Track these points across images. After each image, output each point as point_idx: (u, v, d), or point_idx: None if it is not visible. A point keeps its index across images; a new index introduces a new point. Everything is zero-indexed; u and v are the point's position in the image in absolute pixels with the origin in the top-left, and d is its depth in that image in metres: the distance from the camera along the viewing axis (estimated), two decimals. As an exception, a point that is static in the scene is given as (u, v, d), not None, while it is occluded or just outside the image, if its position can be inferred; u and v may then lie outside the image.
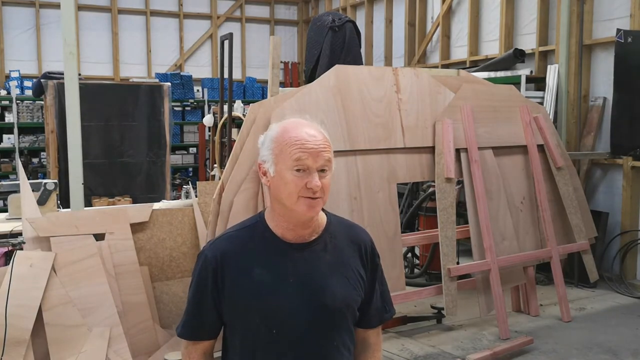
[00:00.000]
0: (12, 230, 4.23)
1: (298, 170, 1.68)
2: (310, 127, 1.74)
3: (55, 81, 7.54)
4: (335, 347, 1.79)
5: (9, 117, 10.09)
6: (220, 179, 4.33)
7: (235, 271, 1.75)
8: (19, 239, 4.10)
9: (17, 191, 4.64)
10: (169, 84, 8.68)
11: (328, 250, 1.81)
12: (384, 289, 1.96)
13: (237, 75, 12.06)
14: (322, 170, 1.70)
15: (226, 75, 6.75)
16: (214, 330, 1.83)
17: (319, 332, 1.76)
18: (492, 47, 8.24)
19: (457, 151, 5.01)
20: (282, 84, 12.43)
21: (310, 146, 1.69)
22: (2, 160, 10.18)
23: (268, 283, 1.74)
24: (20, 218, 4.17)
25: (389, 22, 10.31)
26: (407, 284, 5.22)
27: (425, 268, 6.44)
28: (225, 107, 7.05)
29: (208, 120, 8.91)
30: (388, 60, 10.36)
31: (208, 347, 1.84)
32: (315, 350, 1.76)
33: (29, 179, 4.44)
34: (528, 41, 7.62)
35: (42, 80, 7.96)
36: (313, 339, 1.76)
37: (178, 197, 8.22)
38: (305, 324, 1.74)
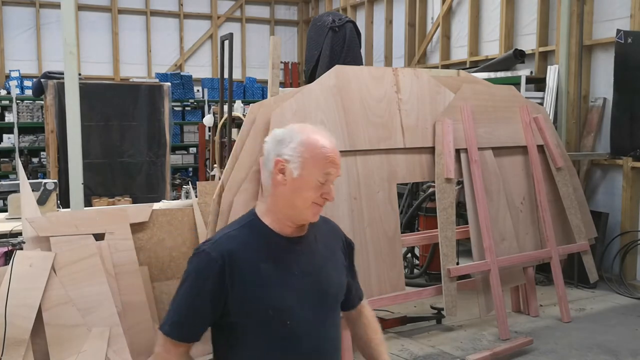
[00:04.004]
0: (11, 230, 4.22)
1: (322, 182, 1.80)
2: (332, 141, 1.86)
3: (55, 81, 7.54)
4: (335, 329, 1.95)
5: (9, 117, 10.09)
6: (220, 179, 4.33)
7: (244, 268, 1.78)
8: (19, 238, 4.10)
9: (17, 191, 4.64)
10: (169, 84, 8.68)
11: (318, 242, 1.94)
12: (356, 271, 2.17)
13: (237, 75, 12.06)
14: (332, 184, 1.86)
15: (226, 75, 6.75)
16: (202, 333, 1.86)
17: (323, 317, 1.90)
18: (492, 48, 8.24)
19: (457, 151, 5.01)
20: (282, 84, 12.43)
21: (337, 162, 1.83)
22: (2, 160, 10.18)
23: (276, 276, 1.81)
24: (20, 218, 4.17)
25: (389, 22, 10.32)
26: (407, 284, 5.22)
27: (425, 268, 6.44)
28: (225, 107, 7.05)
29: (208, 120, 8.92)
30: (388, 61, 10.36)
31: (189, 348, 1.88)
32: (323, 334, 1.89)
33: (28, 179, 4.44)
34: (528, 42, 7.62)
35: (42, 80, 7.95)
36: (320, 324, 1.89)
37: (178, 197, 8.21)
38: (312, 312, 1.86)
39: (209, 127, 9.28)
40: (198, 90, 11.93)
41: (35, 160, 10.31)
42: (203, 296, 1.78)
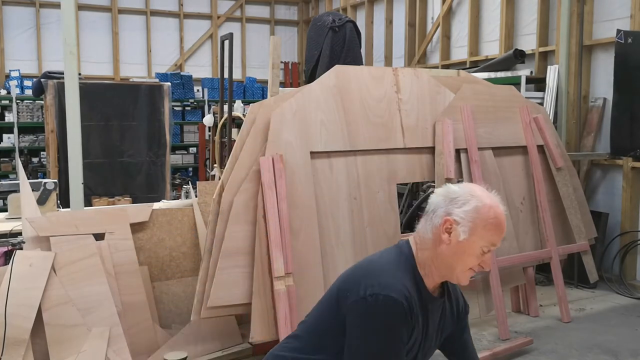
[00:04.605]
0: (11, 230, 4.23)
1: (486, 251, 1.78)
2: (504, 212, 1.82)
3: (55, 81, 7.54)
4: None
5: (9, 117, 10.09)
6: (220, 179, 4.33)
7: (415, 319, 1.76)
8: (19, 238, 4.10)
9: (16, 191, 4.64)
10: (169, 83, 8.67)
11: (446, 305, 1.95)
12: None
13: (237, 75, 12.06)
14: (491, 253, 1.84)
15: (226, 75, 6.75)
16: None
17: None
18: (492, 48, 8.24)
19: (457, 151, 5.01)
20: (282, 84, 12.43)
21: (504, 233, 1.81)
22: (2, 159, 10.18)
23: (420, 334, 1.82)
24: (20, 218, 4.17)
25: (389, 22, 10.31)
26: (407, 284, 5.21)
27: (425, 268, 6.43)
28: (225, 107, 7.05)
29: (208, 120, 8.91)
30: (388, 61, 10.36)
31: None
32: None
33: (28, 179, 4.44)
34: (528, 42, 7.62)
35: (42, 79, 7.95)
36: None
37: (178, 197, 8.21)
38: None
39: (209, 127, 9.27)
40: (198, 90, 11.93)
41: (35, 160, 10.31)
42: (404, 342, 1.75)
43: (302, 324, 1.97)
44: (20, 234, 4.08)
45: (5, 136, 10.25)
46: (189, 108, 11.92)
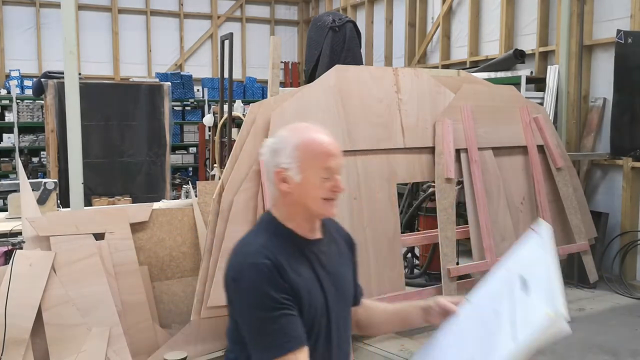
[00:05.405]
0: (11, 230, 4.22)
1: (326, 176, 1.78)
2: (326, 133, 1.83)
3: (55, 80, 7.54)
4: (349, 327, 1.99)
5: (9, 117, 10.09)
6: (220, 178, 4.33)
7: (290, 274, 1.75)
8: (19, 238, 4.10)
9: (17, 190, 4.63)
10: (169, 83, 8.67)
11: (333, 243, 1.96)
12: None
13: (237, 75, 12.06)
14: (339, 174, 1.83)
15: (226, 75, 6.75)
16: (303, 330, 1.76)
17: (347, 316, 1.96)
18: (492, 48, 8.24)
19: (457, 151, 5.01)
20: (282, 84, 12.43)
21: (335, 152, 1.80)
22: (2, 159, 10.18)
23: (314, 281, 1.82)
24: (20, 217, 4.17)
25: (389, 22, 10.32)
26: (407, 284, 5.22)
27: (425, 268, 6.44)
28: (225, 107, 7.05)
29: (208, 120, 8.91)
30: (388, 61, 10.36)
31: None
32: (346, 330, 1.94)
33: (28, 179, 4.44)
34: (528, 42, 7.62)
35: (42, 79, 7.95)
36: (345, 321, 1.94)
37: (178, 197, 8.21)
38: (340, 309, 1.90)
39: (209, 127, 9.28)
40: (198, 90, 11.93)
41: (35, 159, 10.31)
42: (283, 297, 1.70)
43: None
44: (20, 233, 4.08)
45: (5, 136, 10.25)
46: (189, 108, 11.92)
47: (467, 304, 1.91)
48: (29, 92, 10.11)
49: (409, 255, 6.84)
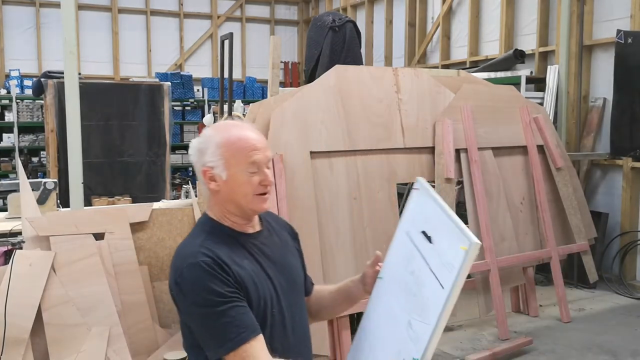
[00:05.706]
0: (11, 230, 4.22)
1: (253, 171, 1.78)
2: (250, 129, 1.84)
3: (55, 80, 7.53)
4: (305, 312, 1.99)
5: (9, 117, 10.09)
6: (220, 178, 4.32)
7: (232, 267, 1.75)
8: (19, 238, 4.10)
9: (16, 190, 4.63)
10: (169, 83, 8.67)
11: (272, 234, 1.96)
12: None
13: (237, 75, 12.06)
14: (267, 167, 1.82)
15: (226, 75, 6.75)
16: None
17: (298, 305, 1.95)
18: (492, 48, 8.24)
19: (457, 151, 5.01)
20: (282, 84, 12.43)
21: (260, 146, 1.80)
22: (2, 159, 10.18)
23: (259, 271, 1.81)
24: (19, 217, 4.17)
25: (389, 22, 10.32)
26: (407, 284, 5.21)
27: (424, 268, 6.43)
28: (225, 107, 7.05)
29: (208, 120, 8.88)
30: (388, 61, 10.36)
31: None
32: (301, 321, 1.94)
33: (28, 178, 4.44)
34: (528, 42, 7.62)
35: (42, 79, 7.95)
36: (301, 310, 1.96)
37: (178, 197, 8.21)
38: (291, 301, 1.89)
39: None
40: (198, 90, 11.93)
41: (35, 159, 10.30)
42: (227, 288, 1.70)
43: None
44: (20, 233, 4.07)
45: (5, 136, 10.25)
46: (189, 108, 11.92)
47: (380, 282, 1.93)
48: (28, 91, 10.11)
49: (409, 255, 6.84)
